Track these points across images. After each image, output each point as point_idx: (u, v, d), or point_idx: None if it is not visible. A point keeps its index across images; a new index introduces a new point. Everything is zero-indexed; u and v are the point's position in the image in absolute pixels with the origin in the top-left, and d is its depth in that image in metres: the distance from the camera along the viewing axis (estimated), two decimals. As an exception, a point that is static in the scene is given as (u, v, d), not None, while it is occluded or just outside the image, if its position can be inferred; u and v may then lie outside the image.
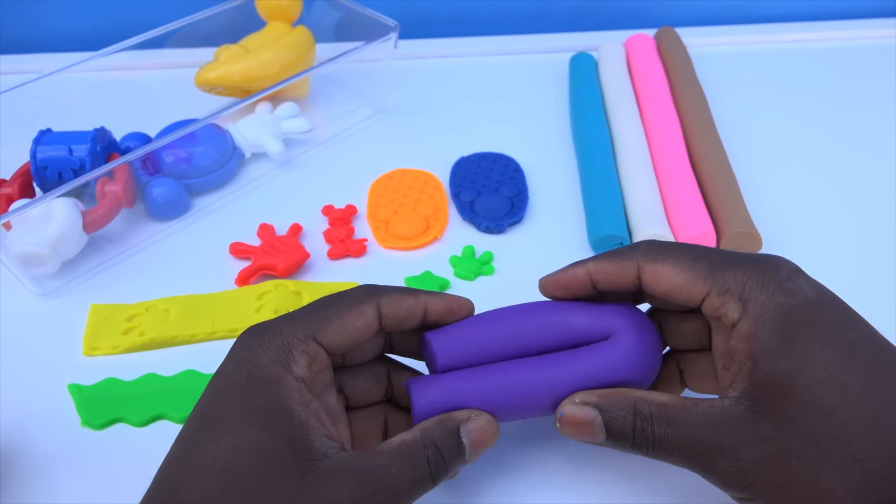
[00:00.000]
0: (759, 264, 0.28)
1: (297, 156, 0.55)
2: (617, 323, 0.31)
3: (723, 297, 0.27)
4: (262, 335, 0.28)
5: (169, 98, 0.58)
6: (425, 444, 0.27)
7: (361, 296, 0.30)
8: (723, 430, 0.26)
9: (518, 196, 0.49)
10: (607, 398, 0.28)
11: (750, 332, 0.26)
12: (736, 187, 0.48)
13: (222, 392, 0.27)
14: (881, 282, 0.44)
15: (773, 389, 0.26)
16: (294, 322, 0.29)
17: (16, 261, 0.42)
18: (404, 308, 0.30)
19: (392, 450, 0.27)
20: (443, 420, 0.29)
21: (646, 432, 0.27)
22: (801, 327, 0.26)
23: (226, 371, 0.28)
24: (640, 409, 0.28)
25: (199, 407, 0.28)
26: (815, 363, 0.25)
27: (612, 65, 0.60)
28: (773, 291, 0.27)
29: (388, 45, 0.54)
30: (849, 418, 0.24)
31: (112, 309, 0.43)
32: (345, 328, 0.29)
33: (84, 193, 0.46)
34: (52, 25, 0.68)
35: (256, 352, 0.28)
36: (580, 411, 0.29)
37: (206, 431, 0.26)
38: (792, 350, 0.26)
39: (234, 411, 0.26)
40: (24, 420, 0.37)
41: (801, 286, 0.27)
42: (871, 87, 0.61)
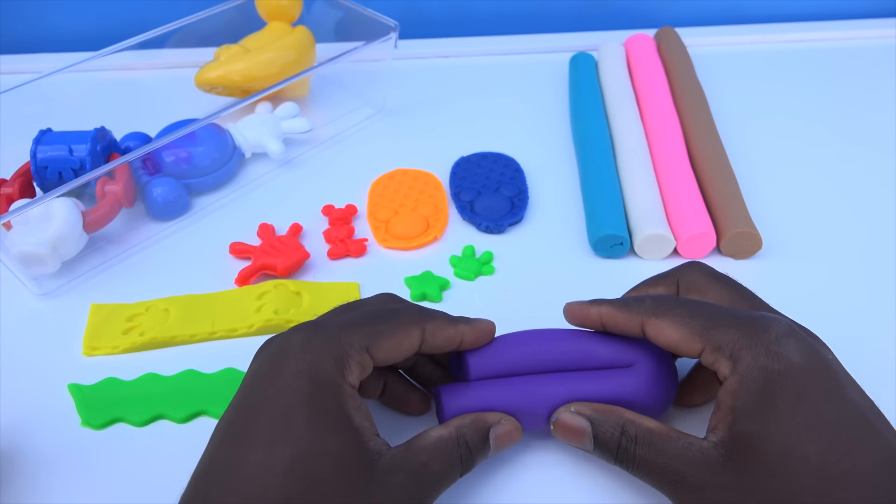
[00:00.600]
0: (751, 324, 0.29)
1: (298, 156, 0.55)
2: (639, 355, 0.33)
3: (715, 354, 0.29)
4: (322, 339, 0.29)
5: (169, 98, 0.58)
6: (458, 442, 0.30)
7: (411, 317, 0.31)
8: (694, 468, 0.28)
9: (518, 196, 0.50)
10: (600, 413, 0.31)
11: (735, 388, 0.28)
12: (736, 187, 0.48)
13: (287, 393, 0.28)
14: (881, 281, 0.44)
15: (744, 445, 0.27)
16: (352, 332, 0.30)
17: (16, 261, 0.42)
18: (444, 337, 0.32)
19: (431, 446, 0.29)
20: (475, 420, 0.31)
21: (628, 451, 0.30)
22: (778, 393, 0.27)
23: (288, 370, 0.28)
24: (627, 429, 0.30)
25: (256, 401, 0.28)
26: (783, 431, 0.27)
27: (612, 65, 0.60)
28: (760, 353, 0.28)
29: (389, 45, 0.54)
30: (802, 490, 0.26)
31: (112, 309, 0.43)
32: (394, 347, 0.31)
33: (84, 193, 0.46)
34: (53, 25, 0.68)
35: (319, 356, 0.29)
36: (573, 419, 0.31)
37: (277, 434, 0.27)
38: (766, 414, 0.27)
39: (304, 416, 0.27)
40: (24, 420, 0.37)
41: (789, 351, 0.28)
42: (871, 87, 0.61)
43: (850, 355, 0.32)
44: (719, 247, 0.45)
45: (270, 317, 0.41)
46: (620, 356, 0.33)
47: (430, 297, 0.43)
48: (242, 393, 0.29)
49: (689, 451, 0.29)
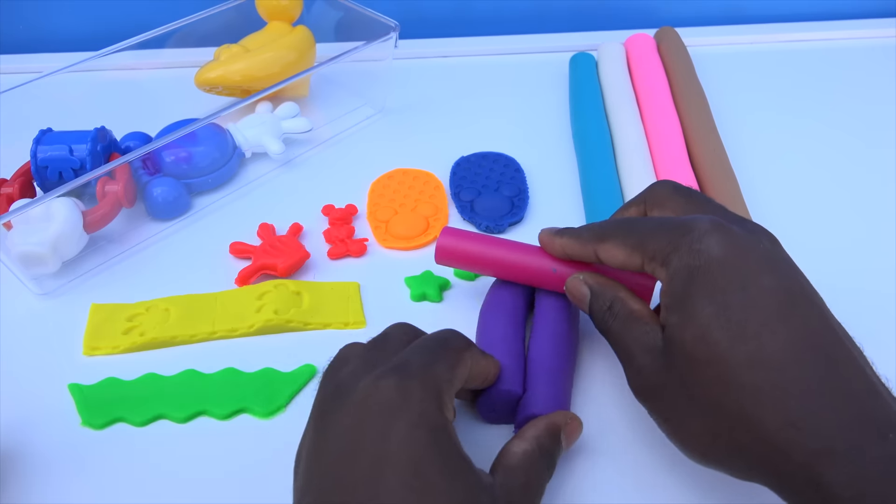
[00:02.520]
0: (677, 229, 0.31)
1: (298, 155, 0.55)
2: None
3: (651, 263, 0.32)
4: (416, 382, 0.29)
5: (169, 98, 0.58)
6: (541, 453, 0.32)
7: (461, 343, 0.33)
8: (642, 352, 0.32)
9: (518, 196, 0.50)
10: (599, 286, 0.35)
11: (665, 289, 0.31)
12: (736, 186, 0.48)
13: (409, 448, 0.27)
14: (882, 281, 0.44)
15: (669, 338, 0.30)
16: (437, 368, 0.30)
17: (16, 260, 0.42)
18: (481, 368, 0.34)
19: (520, 463, 0.31)
20: (549, 427, 0.33)
21: (607, 324, 0.34)
22: (695, 286, 0.30)
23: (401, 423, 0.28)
24: (613, 305, 0.34)
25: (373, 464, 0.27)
26: (696, 320, 0.29)
27: (612, 65, 0.60)
28: (684, 254, 0.30)
29: (389, 45, 0.54)
30: (711, 374, 0.28)
31: (112, 309, 0.43)
32: (463, 375, 0.32)
33: (84, 193, 0.46)
34: (53, 25, 0.68)
35: (425, 402, 0.28)
36: (577, 286, 0.36)
37: (414, 495, 0.26)
38: (683, 307, 0.30)
39: (437, 468, 0.27)
40: (24, 420, 0.37)
41: (709, 247, 0.30)
42: (871, 87, 0.61)
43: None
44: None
45: (270, 317, 0.41)
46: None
47: (430, 297, 0.43)
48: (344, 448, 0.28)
49: (645, 337, 0.32)
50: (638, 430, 0.37)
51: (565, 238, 0.36)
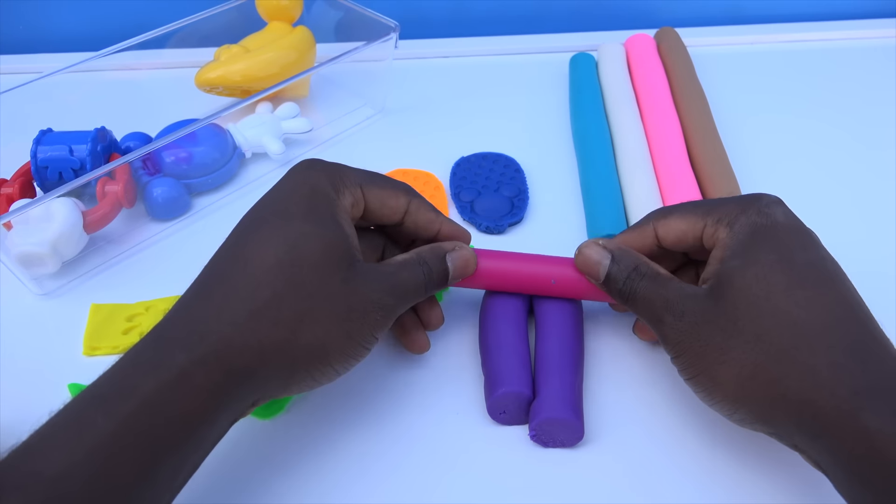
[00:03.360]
0: (745, 198, 0.34)
1: (298, 156, 0.55)
2: None
3: (715, 225, 0.33)
4: (323, 165, 0.35)
5: (169, 98, 0.58)
6: (419, 262, 0.35)
7: (402, 187, 0.36)
8: (683, 298, 0.33)
9: (518, 196, 0.50)
10: (621, 250, 0.36)
11: (726, 242, 0.33)
12: (736, 187, 0.48)
13: (289, 192, 0.34)
14: (882, 281, 0.44)
15: (725, 278, 0.32)
16: (350, 169, 0.35)
17: (16, 261, 0.42)
18: (426, 218, 0.37)
19: (397, 262, 0.34)
20: (433, 247, 0.36)
21: (633, 283, 0.34)
22: (760, 238, 0.32)
23: (291, 180, 0.34)
24: (640, 268, 0.34)
25: (262, 203, 0.34)
26: (757, 263, 0.31)
27: (612, 65, 0.60)
28: (751, 214, 0.33)
29: (389, 46, 0.54)
30: (766, 308, 0.30)
31: (112, 309, 0.43)
32: (382, 199, 0.35)
33: (84, 193, 0.46)
34: (53, 26, 0.68)
35: (320, 174, 0.34)
36: (594, 250, 0.36)
37: (278, 220, 0.32)
38: (746, 252, 0.32)
39: (302, 209, 0.32)
40: (24, 420, 0.37)
41: (775, 212, 0.33)
42: (871, 88, 0.61)
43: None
44: (719, 247, 0.45)
45: (270, 317, 0.41)
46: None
47: (430, 297, 0.43)
48: (254, 205, 0.34)
49: (683, 289, 0.33)
50: (643, 428, 0.37)
51: (619, 237, 0.37)
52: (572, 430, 0.35)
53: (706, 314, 0.31)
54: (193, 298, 0.32)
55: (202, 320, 0.30)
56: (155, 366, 0.29)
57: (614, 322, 0.42)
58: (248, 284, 0.31)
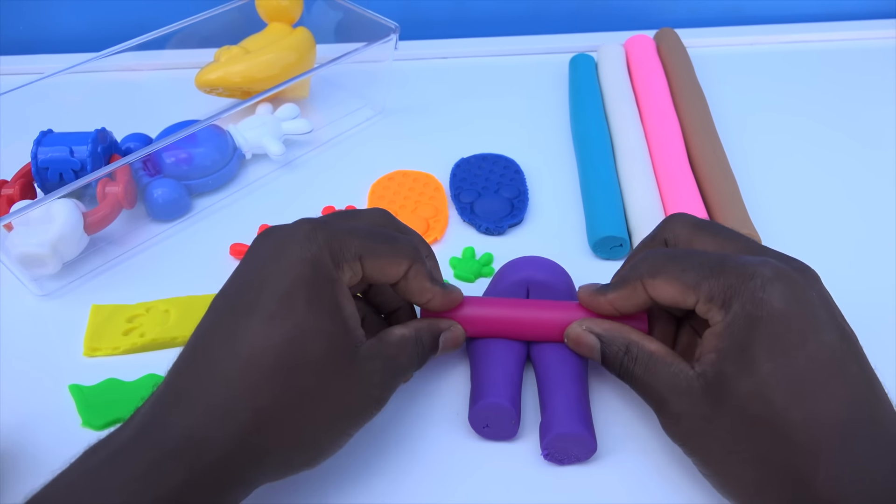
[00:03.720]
0: (738, 272, 0.31)
1: (298, 157, 0.55)
2: None
3: (708, 304, 0.31)
4: (325, 235, 0.31)
5: (170, 99, 0.58)
6: (416, 341, 0.34)
7: (406, 252, 0.34)
8: (678, 395, 0.31)
9: (518, 197, 0.50)
10: (608, 331, 0.34)
11: (720, 332, 0.31)
12: (735, 188, 0.48)
13: (290, 273, 0.30)
14: (882, 281, 0.44)
15: (720, 383, 0.30)
16: (352, 238, 0.32)
17: (17, 262, 0.42)
18: (419, 287, 0.34)
19: (397, 342, 0.33)
20: (430, 325, 0.35)
21: (628, 369, 0.33)
22: (756, 340, 0.29)
23: (291, 253, 0.31)
24: (630, 349, 0.33)
25: (259, 277, 0.31)
26: (754, 376, 0.29)
27: (611, 66, 0.60)
28: (746, 302, 0.30)
29: (389, 47, 0.54)
30: (763, 429, 0.29)
31: (113, 310, 0.43)
32: (381, 268, 0.33)
33: (85, 194, 0.46)
34: (53, 26, 0.68)
35: (321, 248, 0.31)
36: (584, 336, 0.35)
37: (278, 309, 0.30)
38: (741, 358, 0.30)
39: (305, 297, 0.30)
40: (25, 421, 0.37)
41: (771, 297, 0.30)
42: (871, 88, 0.61)
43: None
44: (719, 248, 0.45)
45: (271, 318, 0.41)
46: None
47: (429, 298, 0.43)
48: (245, 268, 0.32)
49: (676, 379, 0.31)
50: (647, 439, 0.36)
51: (610, 294, 0.35)
52: (584, 443, 0.34)
53: (704, 421, 0.30)
54: (186, 392, 0.29)
55: (200, 428, 0.28)
56: (149, 483, 0.26)
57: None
58: (248, 389, 0.28)
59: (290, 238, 0.31)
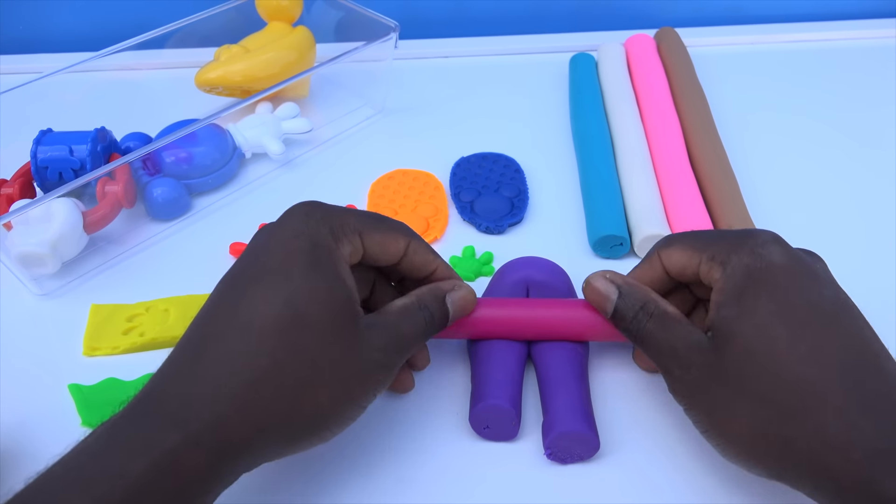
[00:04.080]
0: (741, 236, 0.33)
1: (298, 156, 0.55)
2: None
3: (709, 263, 0.33)
4: (322, 213, 0.32)
5: (169, 98, 0.58)
6: (420, 307, 0.34)
7: (401, 228, 0.35)
8: (688, 348, 0.32)
9: (518, 196, 0.50)
10: (628, 286, 0.35)
11: (720, 286, 0.32)
12: (736, 187, 0.48)
13: (288, 246, 0.31)
14: (882, 282, 0.44)
15: (723, 330, 0.31)
16: (349, 216, 0.33)
17: (16, 261, 0.42)
18: (423, 259, 0.35)
19: (398, 310, 0.33)
20: (432, 288, 0.35)
21: (641, 324, 0.33)
22: (755, 285, 0.30)
23: (289, 230, 0.32)
24: (647, 306, 0.33)
25: (259, 254, 0.31)
26: (755, 315, 0.30)
27: (612, 65, 0.60)
28: (744, 255, 0.31)
29: (389, 46, 0.54)
30: (769, 366, 0.29)
31: (112, 309, 0.43)
32: (381, 245, 0.34)
33: (84, 194, 0.46)
34: (53, 26, 0.68)
35: (319, 224, 0.32)
36: (603, 284, 0.35)
37: (276, 277, 0.30)
38: (742, 302, 0.30)
39: (303, 265, 0.30)
40: (24, 420, 0.37)
41: (771, 252, 0.31)
42: (871, 88, 0.61)
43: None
44: (719, 247, 0.45)
45: (271, 317, 0.41)
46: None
47: (430, 297, 0.43)
48: (249, 251, 0.32)
49: (689, 335, 0.32)
50: (650, 437, 0.36)
51: (631, 271, 0.36)
52: (587, 442, 0.34)
53: (711, 368, 0.30)
54: (184, 363, 0.29)
55: (196, 393, 0.28)
56: (145, 446, 0.26)
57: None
58: (246, 351, 0.29)
59: (289, 217, 0.32)
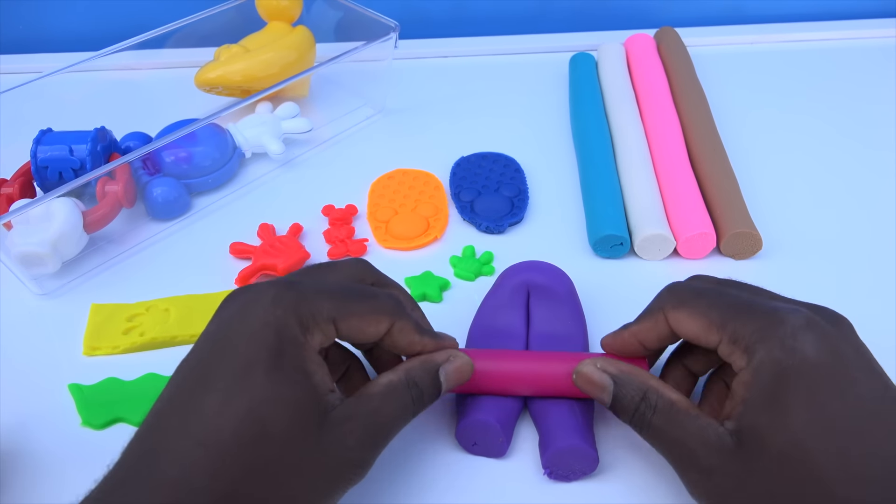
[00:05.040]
0: (768, 317, 0.29)
1: (298, 156, 0.55)
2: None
3: (731, 346, 0.29)
4: (293, 297, 0.29)
5: (169, 98, 0.58)
6: (409, 385, 0.31)
7: (386, 309, 0.31)
8: (707, 450, 0.29)
9: (518, 196, 0.50)
10: (624, 374, 0.31)
11: (748, 381, 0.29)
12: (736, 187, 0.48)
13: (252, 341, 0.28)
14: (882, 282, 0.44)
15: (753, 436, 0.28)
16: (325, 300, 0.30)
17: (16, 261, 0.42)
18: (408, 341, 0.32)
19: (382, 391, 0.30)
20: (424, 361, 0.32)
21: (645, 417, 0.30)
22: (788, 389, 0.28)
23: (254, 319, 0.29)
24: (648, 396, 0.30)
25: (219, 347, 0.29)
26: (790, 427, 0.27)
27: (612, 65, 0.60)
28: (774, 347, 0.28)
29: (389, 46, 0.54)
30: (804, 485, 0.26)
31: (112, 309, 0.43)
32: (359, 328, 0.31)
33: (84, 193, 0.46)
34: (53, 26, 0.68)
35: (287, 312, 0.29)
36: (597, 375, 0.32)
37: (236, 382, 0.27)
38: (774, 408, 0.28)
39: (265, 367, 0.28)
40: (24, 420, 0.37)
41: (803, 344, 0.28)
42: (871, 88, 0.61)
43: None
44: (719, 247, 0.45)
45: (271, 317, 0.41)
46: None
47: (430, 297, 0.43)
48: (208, 337, 0.30)
49: (705, 432, 0.29)
50: (654, 452, 0.35)
51: (633, 326, 0.33)
52: (584, 457, 0.33)
53: (738, 478, 0.28)
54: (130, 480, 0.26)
55: None
56: None
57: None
58: (204, 472, 0.26)
59: (255, 303, 0.29)
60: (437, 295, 0.43)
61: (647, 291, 0.34)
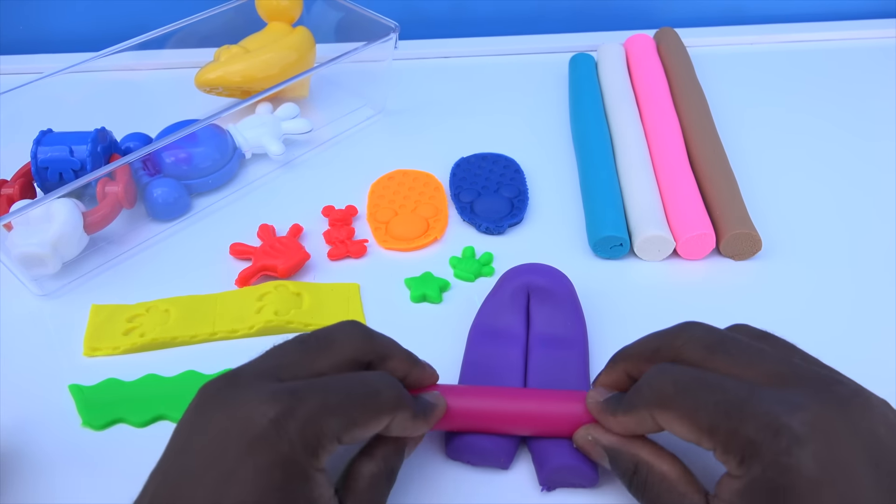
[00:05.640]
0: (762, 427, 0.27)
1: (298, 156, 0.55)
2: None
3: (725, 456, 0.28)
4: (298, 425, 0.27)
5: (169, 99, 0.58)
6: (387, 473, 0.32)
7: (388, 405, 0.30)
8: None
9: (518, 197, 0.50)
10: (616, 446, 0.32)
11: (740, 491, 0.27)
12: (735, 188, 0.48)
13: (260, 483, 0.26)
14: (882, 282, 0.44)
15: None
16: (328, 417, 0.28)
17: (17, 261, 0.42)
18: (404, 429, 0.32)
19: (368, 486, 0.31)
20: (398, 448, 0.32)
21: (639, 488, 0.31)
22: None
23: (258, 457, 0.26)
24: (640, 470, 0.31)
25: (210, 482, 0.26)
26: None
27: (611, 65, 0.60)
28: (769, 465, 0.26)
29: (389, 46, 0.54)
30: None
31: (113, 309, 0.43)
32: (362, 435, 0.30)
33: (85, 194, 0.46)
34: (53, 26, 0.68)
35: (294, 445, 0.27)
36: (590, 447, 0.33)
37: None
38: None
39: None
40: (25, 420, 0.37)
41: (800, 461, 0.26)
42: (871, 88, 0.61)
43: (850, 356, 0.32)
44: (719, 248, 0.45)
45: (271, 318, 0.41)
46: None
47: (430, 298, 0.43)
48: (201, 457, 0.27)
49: None
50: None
51: (620, 416, 0.31)
52: (582, 475, 0.33)
53: None
54: None
55: None
56: None
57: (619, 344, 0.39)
58: None
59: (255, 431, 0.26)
60: (437, 296, 0.43)
61: (647, 292, 0.34)
